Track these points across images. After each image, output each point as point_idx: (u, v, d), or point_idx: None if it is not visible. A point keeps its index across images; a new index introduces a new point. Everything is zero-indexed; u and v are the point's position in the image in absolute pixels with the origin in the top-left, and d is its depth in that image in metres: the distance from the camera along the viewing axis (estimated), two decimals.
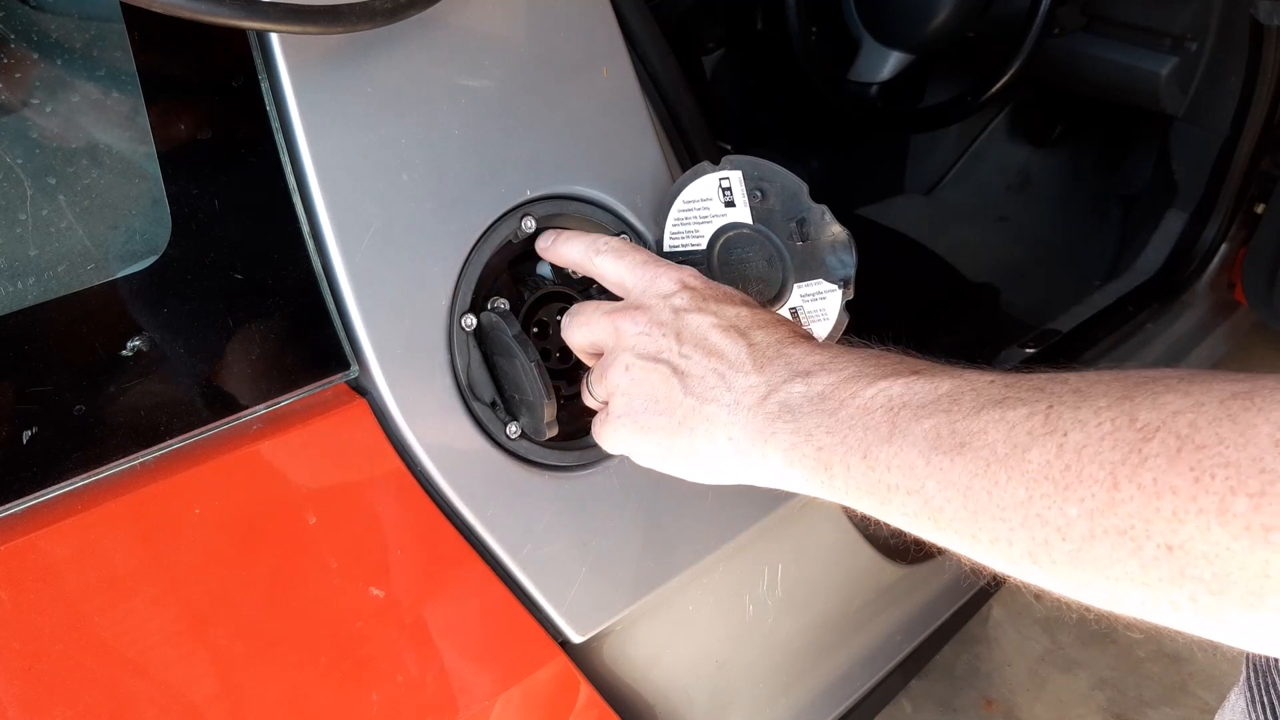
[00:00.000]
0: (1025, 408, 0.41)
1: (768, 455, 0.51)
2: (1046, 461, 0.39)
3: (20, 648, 0.48)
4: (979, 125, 2.14)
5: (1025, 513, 0.40)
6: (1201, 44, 1.62)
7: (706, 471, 0.55)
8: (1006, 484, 0.40)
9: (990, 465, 0.41)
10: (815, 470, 0.48)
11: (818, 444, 0.48)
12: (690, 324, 0.55)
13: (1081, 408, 0.39)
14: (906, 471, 0.44)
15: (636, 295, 0.59)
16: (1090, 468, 0.37)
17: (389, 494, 0.60)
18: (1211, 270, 1.68)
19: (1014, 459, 0.40)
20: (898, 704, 1.56)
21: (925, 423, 0.44)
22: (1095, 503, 0.37)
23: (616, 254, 0.61)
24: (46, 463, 0.49)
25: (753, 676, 0.91)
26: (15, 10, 0.49)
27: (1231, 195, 1.64)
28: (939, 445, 0.43)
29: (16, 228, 0.49)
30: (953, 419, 0.43)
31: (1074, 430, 0.39)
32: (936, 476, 0.43)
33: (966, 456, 0.42)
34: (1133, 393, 0.39)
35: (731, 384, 0.53)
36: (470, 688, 0.63)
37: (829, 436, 0.48)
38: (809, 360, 0.52)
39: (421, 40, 0.60)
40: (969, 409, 0.43)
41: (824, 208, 0.65)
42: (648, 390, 0.56)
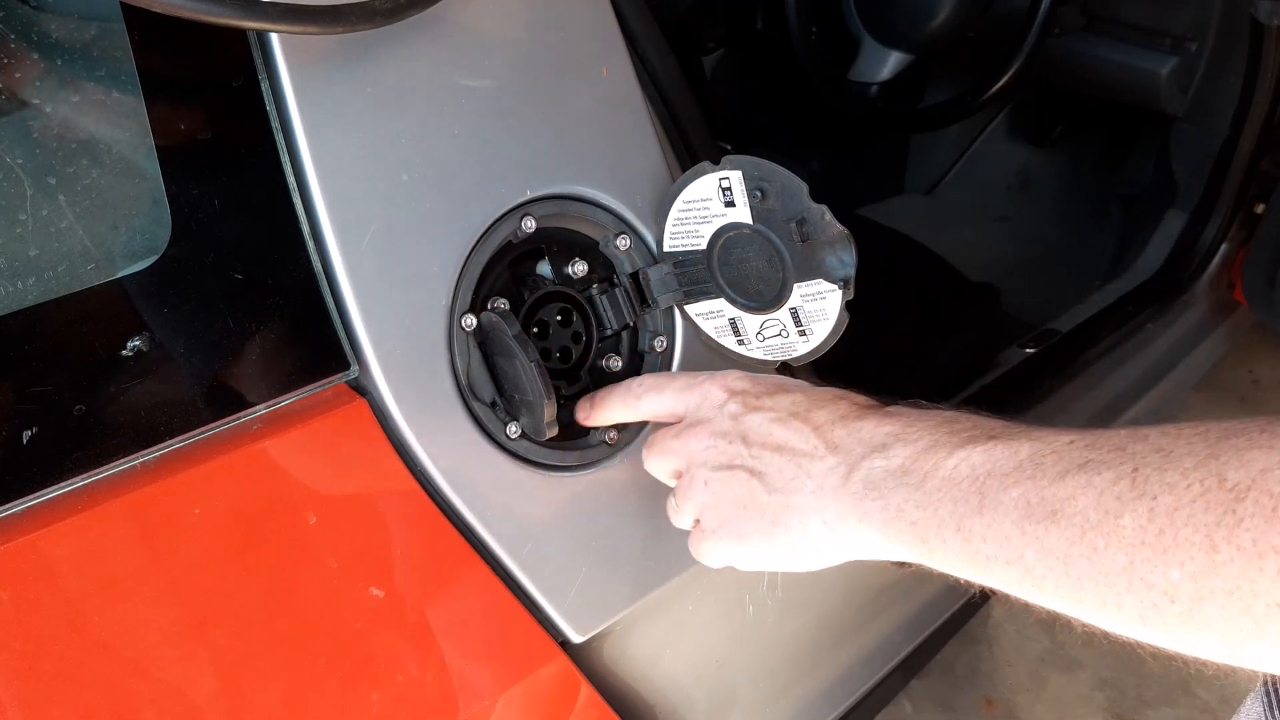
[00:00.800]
0: (1110, 471, 0.41)
1: (863, 533, 0.51)
2: (1140, 526, 0.39)
3: (20, 648, 0.48)
4: (979, 125, 2.14)
5: (1129, 578, 0.40)
6: (1201, 44, 1.61)
7: (811, 558, 0.56)
8: (1105, 550, 0.40)
9: (1085, 532, 0.41)
10: (913, 544, 0.49)
11: (910, 519, 0.49)
12: (751, 424, 0.56)
13: (1167, 469, 0.40)
14: (1002, 543, 0.45)
15: (692, 414, 0.60)
16: (1185, 530, 0.38)
17: (389, 494, 0.60)
18: (1211, 270, 1.68)
19: (1107, 525, 0.40)
20: (898, 704, 1.56)
21: (1013, 491, 0.44)
22: (1196, 566, 0.37)
23: (655, 390, 0.62)
24: (46, 463, 0.49)
25: (753, 676, 0.91)
26: (15, 10, 0.49)
27: (1231, 195, 1.64)
28: (1030, 514, 0.43)
29: (17, 228, 0.49)
30: (1039, 485, 0.44)
31: (1164, 494, 0.39)
32: (1033, 546, 0.43)
33: (1060, 524, 0.42)
34: (1217, 450, 0.39)
35: (810, 470, 0.53)
36: (470, 688, 0.63)
37: (920, 511, 0.48)
38: (881, 433, 0.52)
39: (421, 40, 0.60)
40: (1054, 474, 0.43)
41: (824, 208, 0.65)
42: (731, 498, 0.57)
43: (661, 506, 0.72)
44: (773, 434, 0.55)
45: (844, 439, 0.53)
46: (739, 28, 1.85)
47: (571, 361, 0.70)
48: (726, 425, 0.57)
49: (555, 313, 0.69)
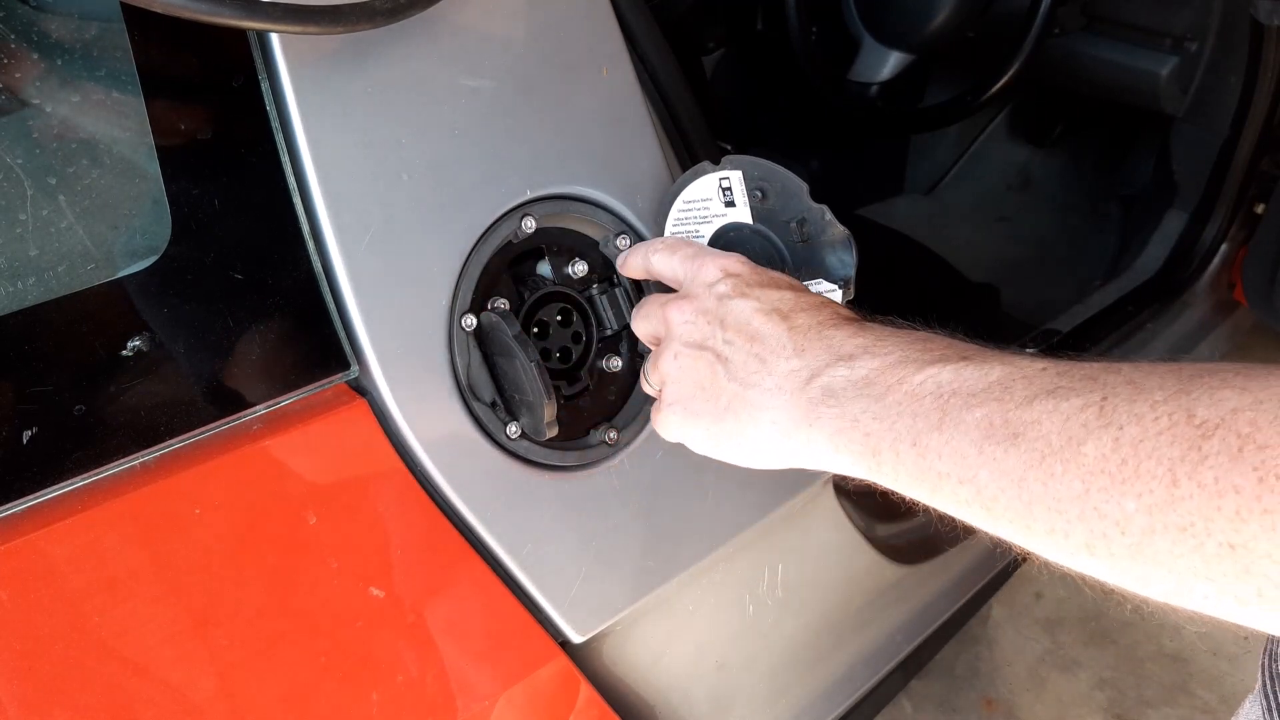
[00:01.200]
0: (1079, 398, 0.41)
1: (813, 439, 0.51)
2: (1102, 455, 0.39)
3: (20, 648, 0.48)
4: (979, 125, 2.14)
5: (1082, 505, 0.39)
6: (1201, 44, 1.62)
7: (754, 455, 0.56)
8: (1062, 476, 0.40)
9: (1045, 457, 0.41)
10: (863, 456, 0.48)
11: (865, 429, 0.48)
12: (733, 309, 0.56)
13: (1137, 401, 0.39)
14: (958, 460, 0.44)
15: (686, 286, 0.60)
16: (1148, 463, 0.37)
17: (389, 494, 0.60)
18: (1211, 270, 1.68)
19: (1069, 451, 0.40)
20: (898, 704, 1.55)
21: (977, 411, 0.44)
22: (1154, 499, 0.37)
23: (669, 250, 0.62)
24: (46, 463, 0.49)
25: (753, 676, 0.91)
26: (15, 10, 0.49)
27: (1231, 195, 1.64)
28: (991, 435, 0.43)
29: (17, 228, 0.49)
30: (1005, 408, 0.43)
31: (1130, 424, 0.38)
32: (989, 466, 0.43)
33: (1020, 447, 0.42)
34: (1189, 386, 0.38)
35: (772, 368, 0.53)
36: (470, 687, 0.63)
37: (876, 422, 0.48)
38: (851, 343, 0.51)
39: (421, 40, 0.60)
40: (1021, 398, 0.43)
41: (824, 208, 0.65)
42: (694, 377, 0.57)
43: (662, 507, 0.72)
44: (750, 323, 0.55)
45: (813, 343, 0.53)
46: (739, 28, 1.85)
47: (571, 361, 0.70)
48: (710, 304, 0.57)
49: (555, 313, 0.69)
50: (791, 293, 0.57)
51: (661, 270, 0.63)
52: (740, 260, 0.59)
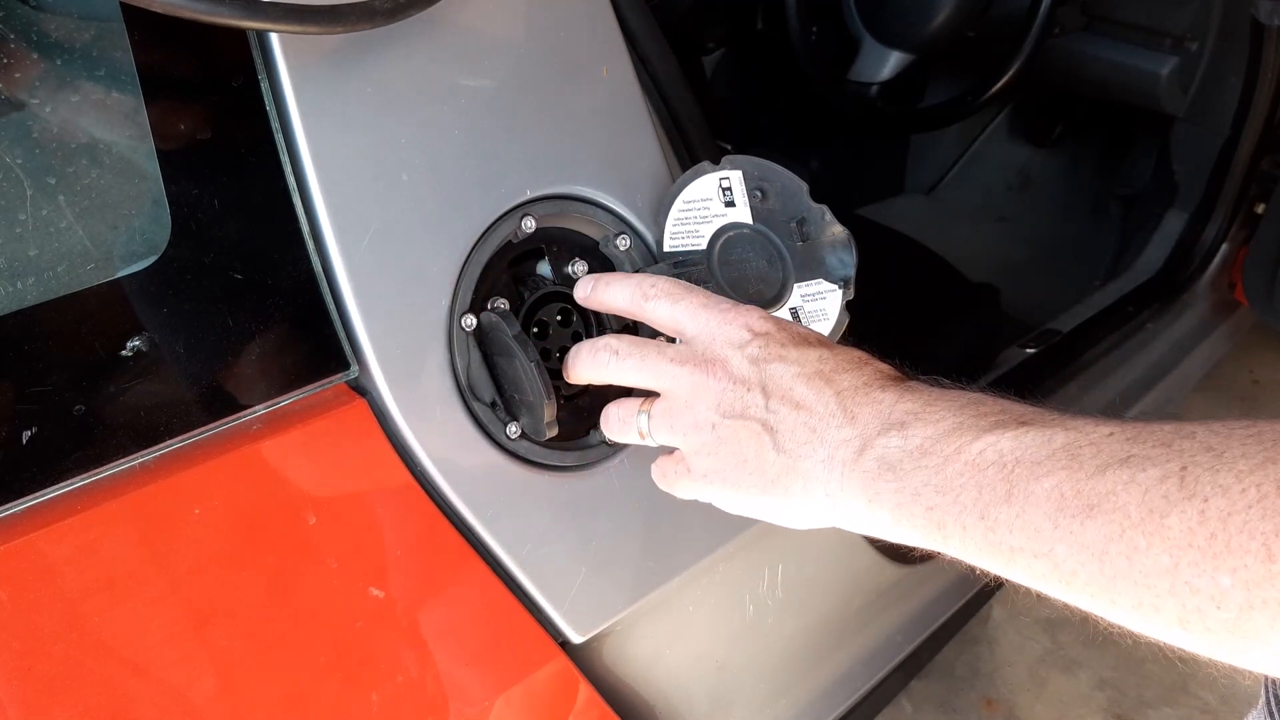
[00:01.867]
0: (1156, 469, 0.39)
1: (874, 513, 0.49)
2: (1189, 529, 0.37)
3: (20, 648, 0.48)
4: (979, 125, 2.14)
5: (1172, 580, 0.38)
6: (1202, 44, 1.62)
7: (802, 522, 0.54)
8: (1147, 550, 0.39)
9: (1126, 530, 0.39)
10: (928, 530, 0.47)
11: (927, 503, 0.46)
12: (773, 375, 0.53)
13: (1220, 470, 0.38)
14: (1031, 535, 0.42)
15: (704, 344, 0.56)
16: (1240, 537, 0.36)
17: (389, 494, 0.60)
18: (1211, 270, 1.68)
19: (1151, 524, 0.38)
20: (898, 704, 1.56)
21: (1045, 482, 0.42)
22: (1250, 574, 0.36)
23: (670, 298, 0.57)
24: (46, 463, 0.49)
25: (753, 676, 0.91)
26: (15, 10, 0.49)
27: (1232, 195, 1.64)
28: (1064, 508, 0.41)
29: (16, 228, 0.49)
30: (1076, 478, 0.41)
31: (1215, 496, 0.37)
32: (1066, 541, 0.41)
33: (1098, 520, 0.40)
34: (1274, 454, 0.37)
35: (824, 438, 0.51)
36: (470, 688, 0.63)
37: (939, 496, 0.46)
38: (901, 408, 0.49)
39: (421, 40, 0.60)
40: (1092, 468, 0.41)
41: (824, 208, 0.65)
42: (736, 450, 0.54)
43: (662, 507, 0.72)
44: (794, 390, 0.52)
45: (863, 410, 0.50)
46: (739, 28, 1.85)
47: None
48: (746, 370, 0.53)
49: (555, 313, 0.69)
50: (827, 352, 0.54)
51: (660, 319, 0.58)
52: (762, 315, 0.56)
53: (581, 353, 0.61)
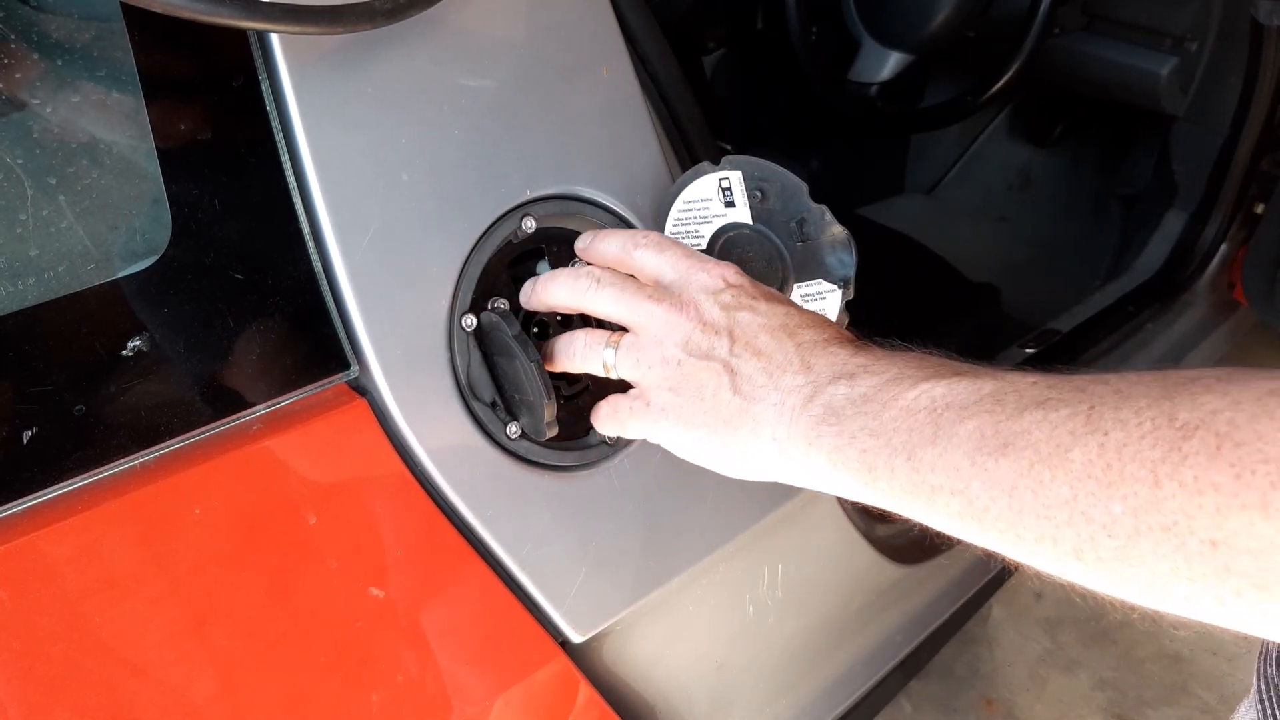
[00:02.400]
0: (1067, 408, 0.42)
1: (811, 457, 0.51)
2: (1089, 460, 0.39)
3: (20, 648, 0.48)
4: (979, 125, 2.14)
5: (1070, 511, 0.40)
6: (1201, 44, 1.62)
7: (744, 468, 0.56)
8: (1051, 483, 0.41)
9: (1034, 465, 0.41)
10: (859, 472, 0.49)
11: (861, 446, 0.48)
12: (740, 322, 0.56)
13: (1122, 408, 0.40)
14: (951, 473, 0.44)
15: (679, 288, 0.59)
16: (1132, 466, 0.38)
17: (389, 494, 0.60)
18: (1211, 270, 1.68)
19: (1057, 458, 0.41)
20: (898, 704, 1.56)
21: (969, 423, 0.44)
22: (1138, 500, 0.38)
23: (657, 248, 0.60)
24: (46, 463, 0.49)
25: (753, 676, 0.91)
26: (15, 10, 0.49)
27: (1231, 195, 1.64)
28: (983, 446, 0.43)
29: (17, 228, 0.49)
30: (996, 419, 0.44)
31: (1115, 429, 0.39)
32: (981, 477, 0.43)
33: (1010, 456, 0.42)
34: (1172, 393, 0.39)
35: (779, 384, 0.53)
36: (470, 688, 0.63)
37: (873, 439, 0.48)
38: (853, 362, 0.52)
39: (422, 41, 0.60)
40: (1012, 410, 0.44)
41: (824, 208, 0.65)
42: (696, 387, 0.56)
43: (662, 507, 0.72)
44: (757, 339, 0.55)
45: (819, 361, 0.53)
46: (739, 28, 1.85)
47: None
48: (716, 314, 0.56)
49: (555, 313, 0.69)
50: (794, 310, 0.57)
51: (644, 265, 0.61)
52: (737, 270, 0.59)
53: (560, 277, 0.62)
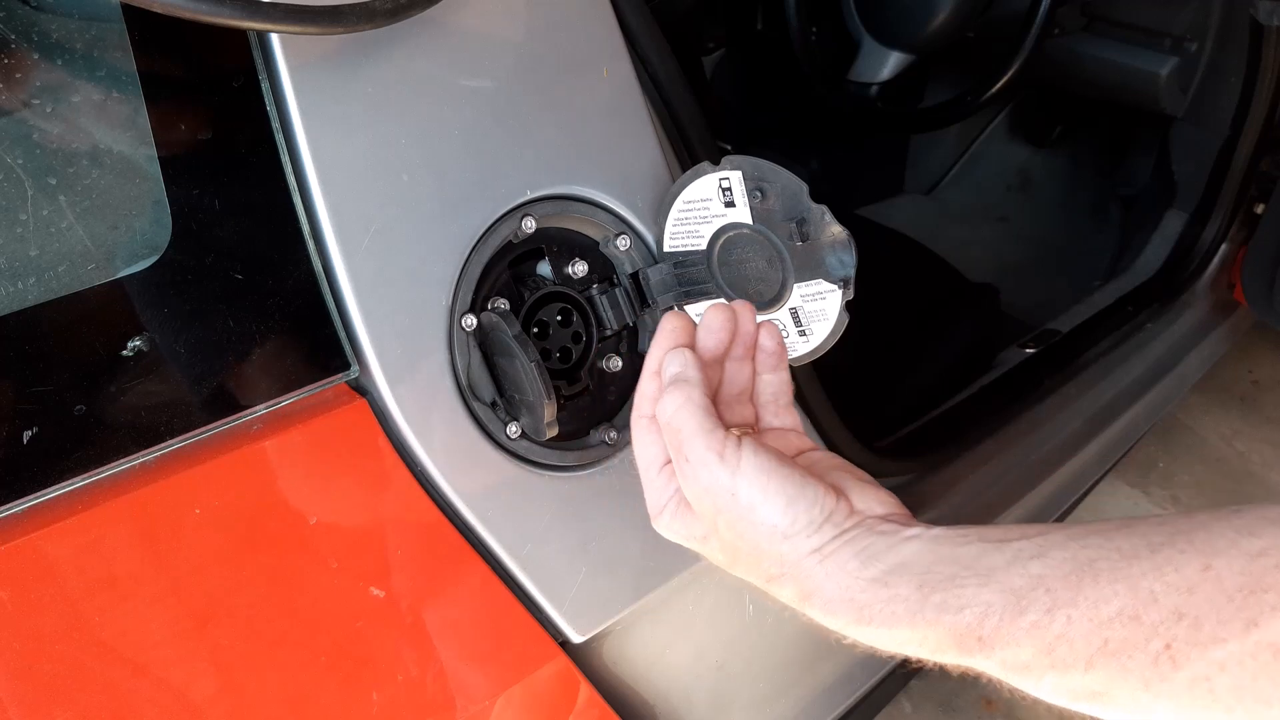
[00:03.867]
0: (1141, 654, 0.42)
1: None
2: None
3: (20, 648, 0.48)
4: (979, 125, 2.14)
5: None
6: (1201, 44, 1.61)
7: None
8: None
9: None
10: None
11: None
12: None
13: (1208, 647, 0.40)
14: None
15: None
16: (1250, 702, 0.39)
17: (389, 494, 0.60)
18: (1211, 270, 1.68)
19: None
20: (898, 704, 1.55)
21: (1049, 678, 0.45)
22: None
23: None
24: (47, 463, 0.49)
25: (753, 676, 0.91)
26: (15, 10, 0.49)
27: (1231, 195, 1.64)
28: (1076, 701, 0.45)
29: (17, 228, 0.49)
30: (1070, 677, 0.44)
31: (1216, 674, 0.39)
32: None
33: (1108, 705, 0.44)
34: (1254, 616, 0.38)
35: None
36: (470, 687, 0.63)
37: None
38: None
39: (422, 41, 0.60)
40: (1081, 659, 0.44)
41: (824, 208, 0.65)
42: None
43: None
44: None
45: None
46: (739, 28, 1.85)
47: (571, 361, 0.70)
48: None
49: (555, 313, 0.69)
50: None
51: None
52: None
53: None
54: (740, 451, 0.52)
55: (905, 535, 0.49)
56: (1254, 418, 2.09)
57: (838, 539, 0.50)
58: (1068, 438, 1.40)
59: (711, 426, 0.53)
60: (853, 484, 0.54)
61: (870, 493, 0.54)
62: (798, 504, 0.51)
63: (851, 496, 0.53)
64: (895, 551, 0.49)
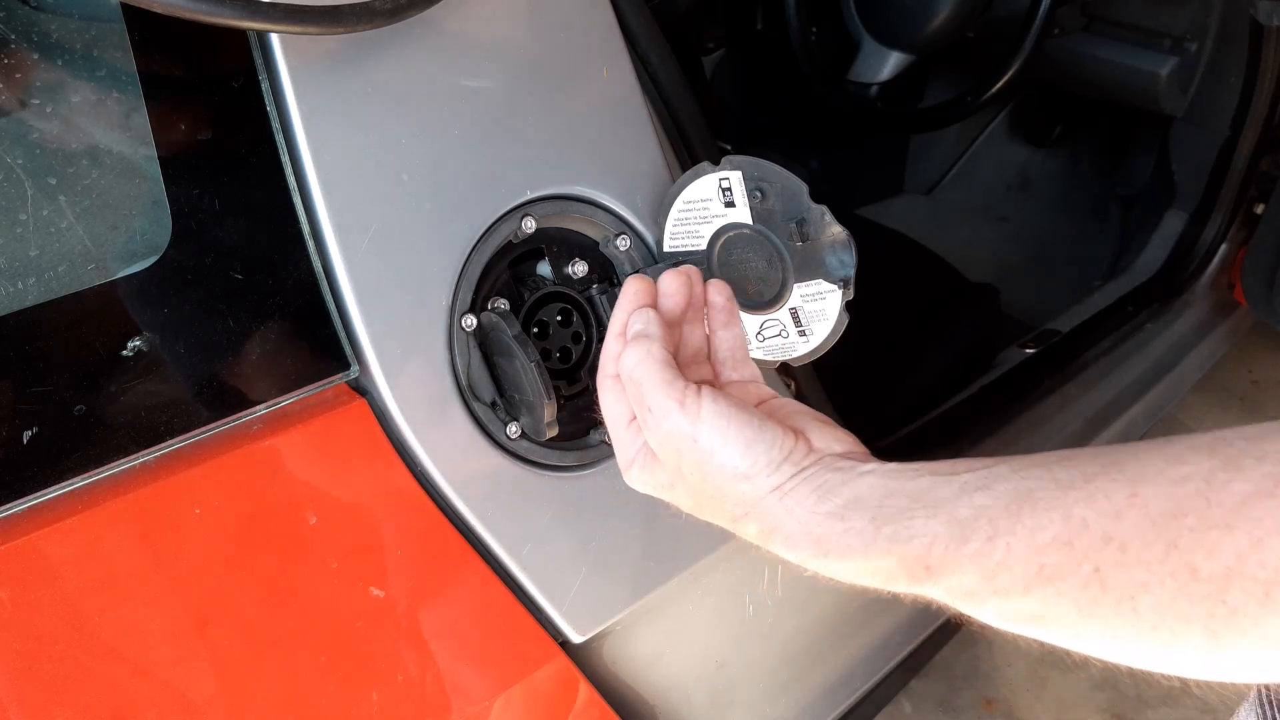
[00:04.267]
0: (1075, 578, 0.43)
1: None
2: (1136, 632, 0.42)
3: (20, 648, 0.48)
4: (979, 125, 2.14)
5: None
6: (1201, 44, 1.61)
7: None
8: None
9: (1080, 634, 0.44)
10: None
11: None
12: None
13: (1133, 568, 0.41)
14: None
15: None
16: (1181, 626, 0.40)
17: (389, 494, 0.60)
18: (1211, 270, 1.68)
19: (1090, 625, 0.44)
20: (898, 704, 1.55)
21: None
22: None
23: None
24: (47, 463, 0.49)
25: (753, 676, 0.91)
26: (15, 10, 0.49)
27: (1231, 195, 1.64)
28: (1016, 625, 0.48)
29: (17, 228, 0.49)
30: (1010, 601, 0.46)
31: (1140, 593, 0.41)
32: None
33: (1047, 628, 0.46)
34: (1174, 538, 0.40)
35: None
36: (470, 687, 0.63)
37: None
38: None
39: (422, 41, 0.60)
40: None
41: (824, 208, 0.65)
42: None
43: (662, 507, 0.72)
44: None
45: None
46: (739, 28, 1.85)
47: (571, 361, 0.70)
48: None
49: (555, 313, 0.69)
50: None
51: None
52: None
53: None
54: (700, 400, 0.54)
55: (860, 471, 0.51)
56: (1254, 418, 2.09)
57: (796, 477, 0.52)
58: (1068, 438, 1.40)
59: (672, 378, 0.55)
60: (812, 425, 0.56)
61: (829, 432, 0.55)
62: (756, 446, 0.53)
63: (811, 436, 0.54)
64: (850, 486, 0.50)
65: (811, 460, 0.53)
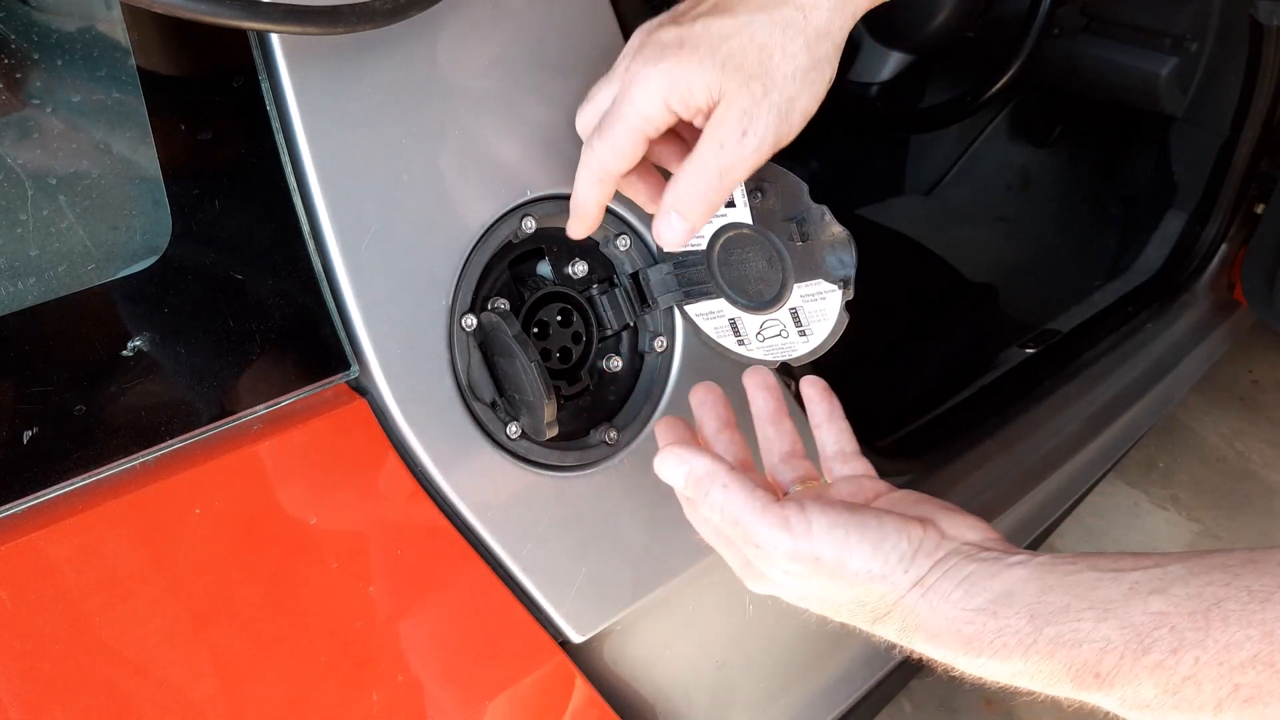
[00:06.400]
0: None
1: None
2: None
3: (20, 648, 0.48)
4: (979, 125, 2.14)
5: None
6: (1201, 44, 1.61)
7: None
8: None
9: None
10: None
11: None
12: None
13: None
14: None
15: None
16: None
17: (389, 494, 0.60)
18: (1211, 270, 1.68)
19: None
20: (898, 704, 1.55)
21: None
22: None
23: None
24: (46, 463, 0.49)
25: (753, 676, 0.91)
26: (15, 10, 0.49)
27: (1231, 195, 1.64)
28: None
29: (17, 228, 0.49)
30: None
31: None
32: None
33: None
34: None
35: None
36: (470, 687, 0.63)
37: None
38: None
39: (422, 41, 0.60)
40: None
41: (824, 208, 0.65)
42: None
43: (663, 507, 0.72)
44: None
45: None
46: None
47: (571, 361, 0.70)
48: None
49: (555, 313, 0.69)
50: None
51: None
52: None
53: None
54: (806, 514, 0.50)
55: (1009, 562, 0.48)
56: (1254, 418, 2.09)
57: (935, 569, 0.49)
58: (1068, 438, 1.40)
59: (764, 502, 0.50)
60: (940, 513, 0.53)
61: (959, 519, 0.52)
62: (883, 545, 0.49)
63: (941, 525, 0.51)
64: (1000, 579, 0.47)
65: (946, 550, 0.50)
